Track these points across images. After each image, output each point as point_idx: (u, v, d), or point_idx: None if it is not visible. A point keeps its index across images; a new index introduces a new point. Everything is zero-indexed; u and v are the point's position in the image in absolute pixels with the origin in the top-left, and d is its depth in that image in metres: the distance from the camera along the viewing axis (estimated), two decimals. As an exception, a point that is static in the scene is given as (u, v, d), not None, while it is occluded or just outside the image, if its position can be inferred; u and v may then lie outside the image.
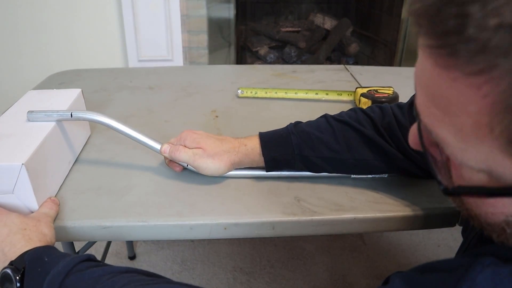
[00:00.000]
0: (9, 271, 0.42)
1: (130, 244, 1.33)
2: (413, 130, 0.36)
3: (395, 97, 0.81)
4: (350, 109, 0.61)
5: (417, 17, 0.27)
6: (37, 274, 0.41)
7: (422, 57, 0.29)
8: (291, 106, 0.87)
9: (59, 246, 1.39)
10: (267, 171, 0.60)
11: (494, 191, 0.30)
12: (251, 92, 0.90)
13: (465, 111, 0.26)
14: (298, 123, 0.60)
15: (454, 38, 0.25)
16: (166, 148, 0.58)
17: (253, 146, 0.58)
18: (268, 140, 0.58)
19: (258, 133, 0.60)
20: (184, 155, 0.57)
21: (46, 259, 0.42)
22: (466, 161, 0.29)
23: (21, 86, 1.75)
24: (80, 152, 0.67)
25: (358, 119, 0.58)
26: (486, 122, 0.26)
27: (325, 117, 0.60)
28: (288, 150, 0.57)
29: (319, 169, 0.58)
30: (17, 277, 0.41)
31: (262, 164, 0.59)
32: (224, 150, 0.58)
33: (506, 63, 0.23)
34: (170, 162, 0.61)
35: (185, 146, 0.58)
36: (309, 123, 0.59)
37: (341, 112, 0.60)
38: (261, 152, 0.58)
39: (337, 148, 0.56)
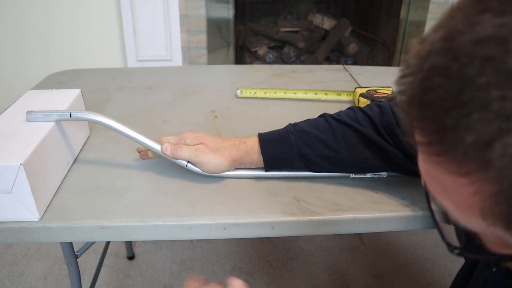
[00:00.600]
0: None
1: (129, 244, 1.33)
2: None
3: (394, 97, 0.81)
4: (349, 108, 0.61)
5: (403, 109, 0.28)
6: None
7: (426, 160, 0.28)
8: (290, 106, 0.87)
9: (58, 246, 1.38)
10: (266, 171, 0.60)
11: (502, 257, 0.30)
12: (250, 92, 0.90)
13: (460, 194, 0.27)
14: (297, 123, 0.60)
15: (437, 142, 0.25)
16: (167, 146, 0.58)
17: (252, 144, 0.59)
18: (267, 139, 0.58)
19: (257, 133, 0.60)
20: (186, 152, 0.57)
21: None
22: (470, 228, 0.29)
23: (20, 85, 1.75)
24: (79, 152, 0.67)
25: (357, 119, 0.58)
26: (478, 211, 0.26)
27: (324, 116, 0.60)
28: (287, 149, 0.57)
29: (318, 167, 0.59)
30: None
31: (262, 164, 0.59)
32: (225, 146, 0.58)
33: (488, 174, 0.23)
34: (144, 155, 0.62)
35: (186, 145, 0.59)
36: (308, 122, 0.60)
37: (340, 112, 0.60)
38: (260, 152, 0.58)
39: (336, 147, 0.56)
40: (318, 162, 0.57)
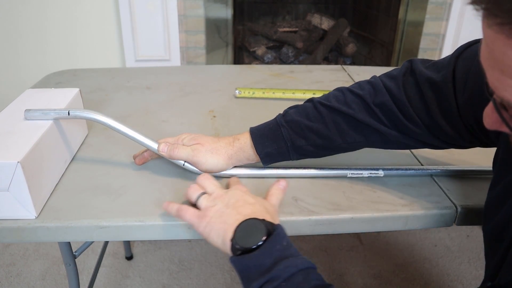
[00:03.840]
0: (267, 226, 0.44)
1: (128, 244, 1.33)
2: (489, 111, 0.35)
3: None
4: (337, 89, 0.59)
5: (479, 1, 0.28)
6: (275, 250, 0.43)
7: (492, 36, 0.29)
8: (288, 106, 0.87)
9: (56, 246, 1.37)
10: (264, 165, 0.60)
11: None
12: (249, 92, 0.90)
13: None
14: (286, 112, 0.59)
15: None
16: (164, 147, 0.58)
17: (246, 140, 0.59)
18: (260, 136, 0.58)
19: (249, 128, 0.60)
20: (183, 152, 0.58)
21: (285, 243, 0.44)
22: None
23: (18, 85, 1.74)
24: (77, 151, 0.67)
25: (346, 102, 0.56)
26: None
27: (312, 102, 0.58)
28: (280, 143, 0.57)
29: (314, 154, 0.59)
30: (264, 237, 0.43)
31: (258, 159, 0.59)
32: (221, 145, 0.59)
33: None
34: (140, 161, 0.62)
35: (183, 145, 0.59)
36: (298, 110, 0.59)
37: (328, 94, 0.58)
38: (253, 147, 0.58)
39: (328, 135, 0.56)
40: (313, 150, 0.57)
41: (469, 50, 0.49)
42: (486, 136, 0.49)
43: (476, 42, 0.49)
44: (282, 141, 0.57)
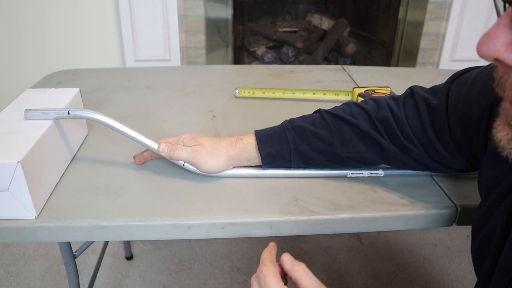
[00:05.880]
0: None
1: (128, 244, 1.33)
2: (496, 30, 0.28)
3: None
4: (344, 103, 0.61)
5: None
6: None
7: None
8: (288, 106, 0.87)
9: (56, 246, 1.37)
10: (264, 167, 0.60)
11: None
12: (249, 92, 0.90)
13: None
14: (292, 119, 0.61)
15: None
16: (164, 147, 0.58)
17: (249, 140, 0.59)
18: (264, 137, 0.59)
19: (254, 130, 0.60)
20: (183, 153, 0.58)
21: None
22: None
23: (18, 85, 1.74)
24: (77, 151, 0.67)
25: (351, 113, 0.58)
26: None
27: (319, 112, 0.60)
28: (284, 146, 0.58)
29: (315, 162, 0.59)
30: None
31: (259, 161, 0.59)
32: (222, 146, 0.59)
33: None
34: (140, 160, 0.63)
35: (184, 145, 0.59)
36: (304, 118, 0.60)
37: (335, 107, 0.61)
38: (257, 148, 0.58)
39: (331, 141, 0.57)
40: (315, 157, 0.58)
41: (463, 77, 0.53)
42: (473, 156, 0.52)
43: (469, 71, 0.53)
44: (286, 143, 0.58)
